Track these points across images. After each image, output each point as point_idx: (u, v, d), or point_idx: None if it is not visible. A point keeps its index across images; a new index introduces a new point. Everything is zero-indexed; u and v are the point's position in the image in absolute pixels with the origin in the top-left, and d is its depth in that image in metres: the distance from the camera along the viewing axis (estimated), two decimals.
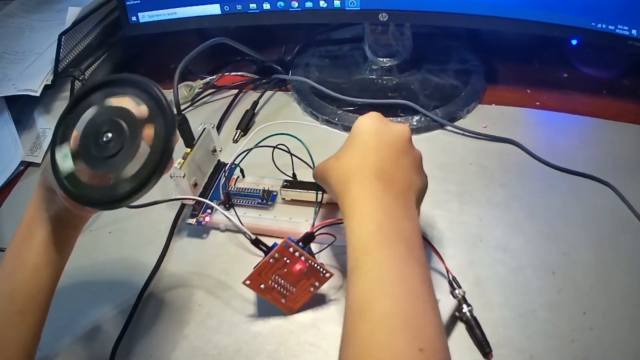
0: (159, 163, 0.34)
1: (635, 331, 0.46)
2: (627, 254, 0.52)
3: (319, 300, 0.51)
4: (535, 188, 0.60)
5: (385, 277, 0.36)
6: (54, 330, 0.46)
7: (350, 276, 0.37)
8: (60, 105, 0.77)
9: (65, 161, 0.37)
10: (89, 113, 0.36)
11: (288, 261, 0.47)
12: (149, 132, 0.35)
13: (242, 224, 0.53)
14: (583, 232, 0.54)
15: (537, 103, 0.71)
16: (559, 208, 0.57)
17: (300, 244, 0.48)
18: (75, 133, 0.37)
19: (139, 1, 0.71)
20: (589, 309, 0.48)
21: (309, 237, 0.49)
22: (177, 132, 0.36)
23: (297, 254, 0.47)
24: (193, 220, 0.58)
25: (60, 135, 0.37)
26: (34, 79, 0.74)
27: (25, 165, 0.74)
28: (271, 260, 0.47)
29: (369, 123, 0.46)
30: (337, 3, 0.67)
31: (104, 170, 0.35)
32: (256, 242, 0.49)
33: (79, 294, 0.55)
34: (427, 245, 0.51)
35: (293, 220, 0.56)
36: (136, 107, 0.36)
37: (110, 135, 0.35)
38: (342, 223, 0.46)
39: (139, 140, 0.35)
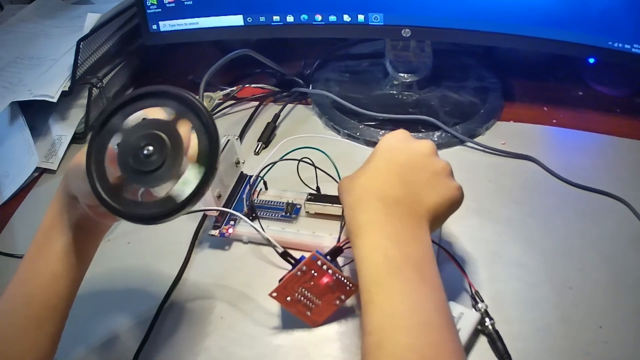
0: (206, 179, 0.34)
1: None
2: None
3: (342, 314, 0.51)
4: (551, 204, 0.60)
5: (397, 309, 0.36)
6: (70, 340, 0.46)
7: (364, 308, 0.37)
8: (77, 112, 0.77)
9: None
10: (129, 123, 0.36)
11: (315, 274, 0.47)
12: (191, 157, 0.35)
13: (269, 239, 0.52)
14: (598, 248, 0.55)
15: (554, 120, 0.72)
16: (574, 224, 0.58)
17: (328, 257, 0.48)
18: (111, 146, 0.36)
19: (160, 10, 0.71)
20: (604, 323, 0.48)
21: (337, 251, 0.49)
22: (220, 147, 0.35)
23: (324, 267, 0.47)
24: (216, 232, 0.57)
25: (97, 144, 0.36)
26: (50, 85, 0.74)
27: (40, 171, 0.74)
28: (298, 273, 0.47)
29: (389, 142, 0.45)
30: (360, 18, 0.67)
31: (141, 184, 0.35)
32: (284, 255, 0.49)
33: (96, 303, 0.55)
34: (450, 259, 0.51)
35: (317, 234, 0.56)
36: (183, 127, 0.35)
37: (151, 148, 0.35)
38: None
39: (181, 162, 0.34)
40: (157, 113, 0.36)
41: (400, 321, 0.35)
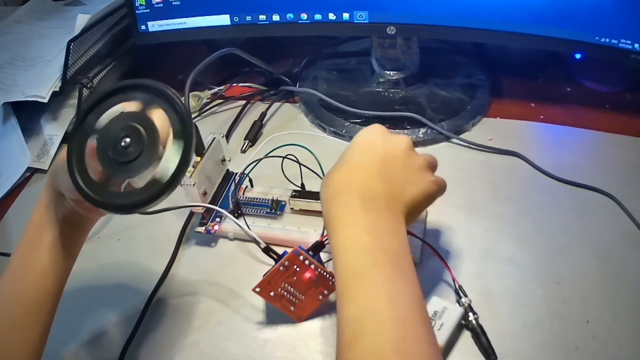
0: (187, 151, 0.35)
1: (638, 340, 0.47)
2: (630, 264, 0.53)
3: (328, 309, 0.51)
4: (539, 200, 0.60)
5: (374, 303, 0.36)
6: (59, 335, 0.47)
7: (340, 300, 0.37)
8: (68, 112, 0.78)
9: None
10: (105, 119, 0.37)
11: (298, 269, 0.47)
12: (168, 138, 0.35)
13: (250, 234, 0.53)
14: (587, 244, 0.55)
15: (542, 117, 0.72)
16: (562, 220, 0.58)
17: (311, 252, 0.48)
18: (92, 143, 0.37)
19: (148, 10, 0.72)
20: (593, 319, 0.48)
21: (319, 246, 0.49)
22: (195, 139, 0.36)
23: (307, 262, 0.47)
24: (202, 229, 0.58)
25: (77, 141, 0.37)
26: (42, 86, 0.74)
27: (32, 171, 0.74)
28: (281, 268, 0.47)
29: (366, 137, 0.45)
30: (345, 16, 0.68)
31: (123, 175, 0.36)
32: (267, 250, 0.49)
33: (86, 299, 0.55)
34: (434, 253, 0.52)
35: (302, 230, 0.57)
36: (154, 113, 0.36)
37: (128, 140, 0.35)
38: None
39: (158, 146, 0.35)
40: (130, 106, 0.36)
41: (376, 315, 0.35)
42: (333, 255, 0.40)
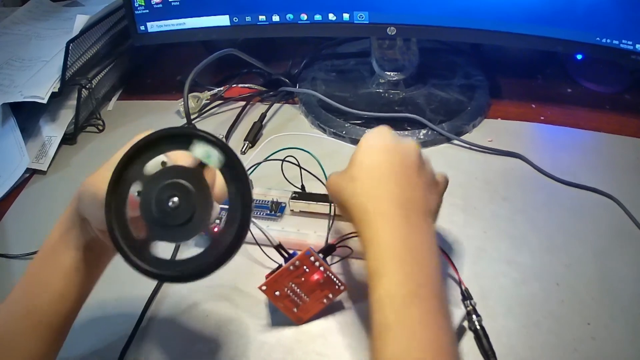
0: (238, 237, 0.32)
1: (636, 341, 0.47)
2: (629, 265, 0.53)
3: (327, 311, 0.51)
4: (539, 201, 0.60)
5: (417, 339, 0.34)
6: None
7: (380, 331, 0.35)
8: (67, 113, 0.78)
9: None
10: (150, 169, 0.33)
11: (307, 270, 0.47)
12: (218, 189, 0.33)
13: (263, 231, 0.51)
14: (586, 244, 0.55)
15: (542, 117, 0.72)
16: (562, 220, 0.58)
17: (321, 254, 0.48)
18: (134, 190, 0.33)
19: (147, 11, 0.72)
20: (592, 320, 0.48)
21: (330, 248, 0.50)
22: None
23: (317, 263, 0.47)
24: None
25: (118, 192, 0.33)
26: (40, 86, 0.74)
27: (31, 172, 0.74)
28: (291, 267, 0.47)
29: (379, 140, 0.43)
30: (346, 16, 0.68)
31: (170, 239, 0.33)
32: (278, 248, 0.49)
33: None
34: (443, 256, 0.51)
35: (301, 231, 0.57)
36: (208, 171, 0.33)
37: (176, 200, 0.31)
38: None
39: (212, 204, 0.32)
40: (179, 158, 0.34)
41: (419, 353, 0.34)
42: (370, 275, 0.38)
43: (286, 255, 0.49)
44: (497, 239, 0.57)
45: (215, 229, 0.53)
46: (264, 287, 0.48)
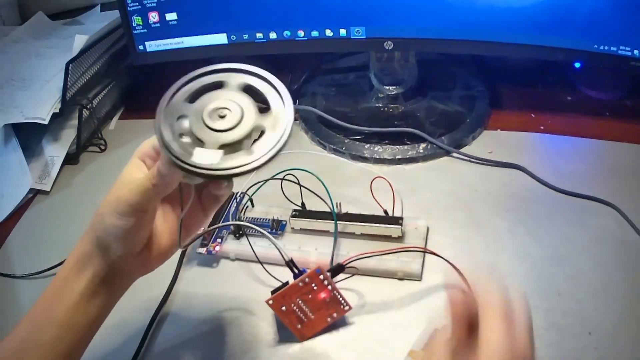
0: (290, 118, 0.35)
1: (639, 351, 0.46)
2: (632, 274, 0.52)
3: (330, 328, 0.51)
4: (540, 212, 0.60)
5: None
6: None
7: None
8: (69, 133, 0.78)
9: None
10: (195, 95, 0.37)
11: (315, 288, 0.48)
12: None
13: (276, 245, 0.50)
14: (588, 254, 0.55)
15: (542, 127, 0.72)
16: (564, 231, 0.58)
17: (329, 273, 0.49)
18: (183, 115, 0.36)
19: (145, 30, 0.72)
20: (594, 330, 0.48)
21: (339, 268, 0.50)
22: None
23: (325, 282, 0.48)
24: (203, 250, 0.58)
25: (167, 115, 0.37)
26: (41, 107, 0.75)
27: (34, 193, 0.75)
28: (300, 284, 0.48)
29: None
30: (343, 32, 0.68)
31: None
32: (289, 263, 0.49)
33: None
34: (456, 271, 0.51)
35: (302, 249, 0.57)
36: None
37: (225, 112, 0.35)
38: (371, 256, 0.49)
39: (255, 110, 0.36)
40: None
41: None
42: None
43: (296, 271, 0.49)
44: (498, 251, 0.56)
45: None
46: (270, 302, 0.48)
